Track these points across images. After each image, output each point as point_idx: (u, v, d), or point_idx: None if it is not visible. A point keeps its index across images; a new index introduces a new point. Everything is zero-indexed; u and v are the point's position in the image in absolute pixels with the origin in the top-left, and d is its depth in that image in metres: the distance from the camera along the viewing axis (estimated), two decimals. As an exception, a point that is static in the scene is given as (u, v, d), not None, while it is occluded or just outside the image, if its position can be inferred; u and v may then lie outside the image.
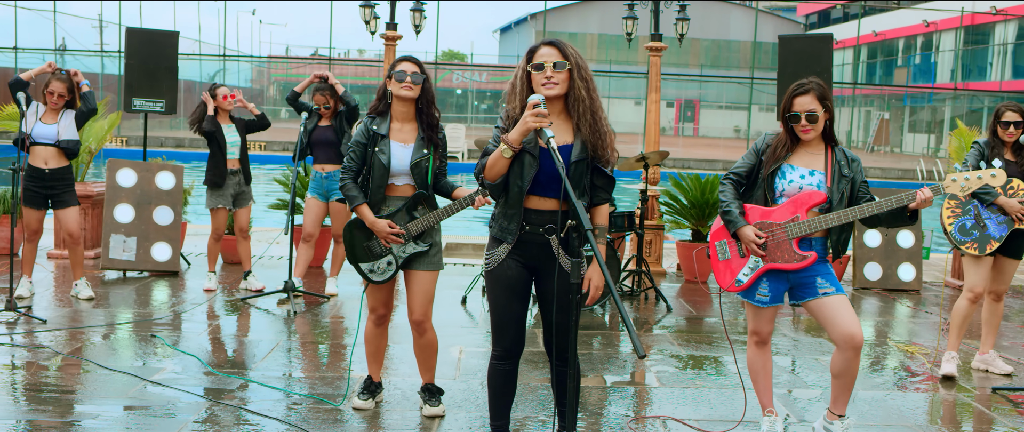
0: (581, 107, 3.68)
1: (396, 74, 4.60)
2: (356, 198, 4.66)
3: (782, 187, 4.31)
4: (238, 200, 7.97)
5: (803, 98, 4.28)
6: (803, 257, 4.24)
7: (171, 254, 8.69)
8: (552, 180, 3.64)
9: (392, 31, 9.67)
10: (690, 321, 7.56)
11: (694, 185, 9.20)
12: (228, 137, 7.81)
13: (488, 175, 3.66)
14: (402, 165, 4.61)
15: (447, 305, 7.85)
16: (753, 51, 42.91)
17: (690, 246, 9.34)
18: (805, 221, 4.23)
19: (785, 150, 4.35)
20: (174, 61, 8.92)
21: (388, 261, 4.68)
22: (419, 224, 4.62)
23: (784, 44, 8.13)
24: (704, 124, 52.82)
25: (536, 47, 3.72)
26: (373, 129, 4.66)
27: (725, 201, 4.39)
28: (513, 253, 3.77)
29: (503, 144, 3.58)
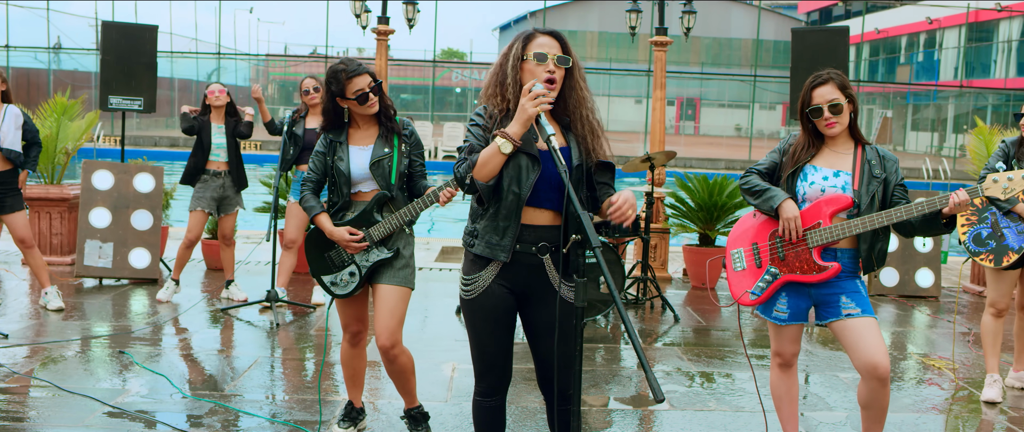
0: (583, 110, 3.24)
1: (359, 98, 4.19)
2: (314, 208, 4.30)
3: (804, 190, 3.86)
4: (223, 205, 7.50)
5: (823, 89, 3.84)
6: (823, 268, 3.79)
7: (150, 261, 8.23)
8: (552, 189, 3.18)
9: (384, 25, 9.21)
10: (699, 332, 7.10)
11: (701, 186, 8.74)
12: (214, 138, 7.37)
13: (479, 174, 3.15)
14: (362, 168, 4.23)
15: (440, 316, 7.39)
16: (755, 49, 42.44)
17: (697, 251, 8.88)
18: (828, 228, 3.78)
19: (807, 153, 3.91)
20: (153, 57, 8.45)
21: (351, 272, 4.26)
22: (382, 227, 4.21)
23: (797, 38, 7.67)
24: (705, 123, 52.35)
25: (532, 34, 3.25)
26: (330, 138, 4.27)
27: (755, 185, 3.94)
28: (500, 277, 3.28)
29: (501, 138, 3.07)
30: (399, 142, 4.27)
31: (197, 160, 7.34)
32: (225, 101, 7.38)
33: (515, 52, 3.24)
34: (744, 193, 4.01)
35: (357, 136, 4.31)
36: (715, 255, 8.85)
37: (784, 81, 47.76)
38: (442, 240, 12.16)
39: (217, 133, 7.37)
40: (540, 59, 3.19)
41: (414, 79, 45.40)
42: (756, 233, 3.99)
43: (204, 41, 43.91)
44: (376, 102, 4.23)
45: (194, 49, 40.05)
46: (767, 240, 3.94)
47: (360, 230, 4.23)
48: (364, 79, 4.20)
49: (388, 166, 4.25)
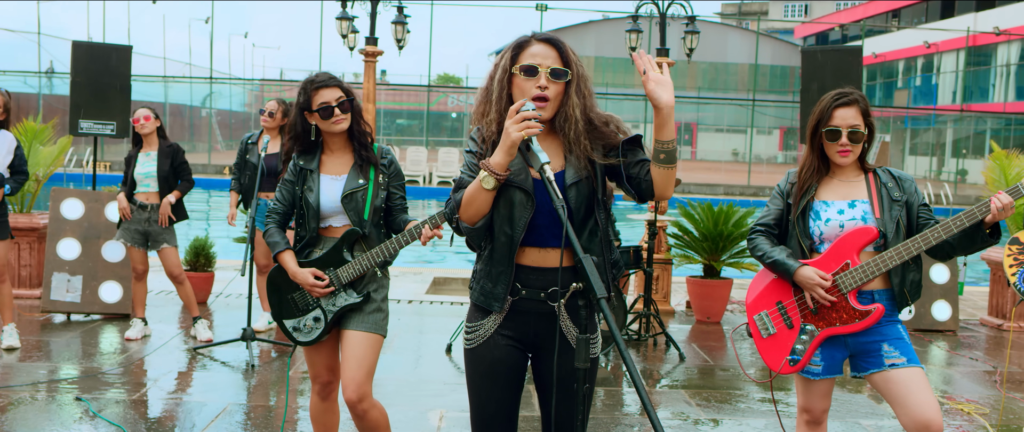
0: (574, 129, 2.76)
1: (322, 111, 3.74)
2: (278, 244, 3.85)
3: (819, 230, 3.42)
4: (152, 240, 6.88)
5: (847, 110, 3.40)
6: (866, 313, 3.33)
7: (121, 295, 7.74)
8: (555, 223, 2.72)
9: (372, 46, 8.79)
10: (706, 373, 6.62)
11: (706, 215, 8.28)
12: (140, 167, 6.82)
13: (465, 215, 2.71)
14: (333, 201, 3.79)
15: (430, 355, 6.91)
16: (754, 74, 42.21)
17: (702, 283, 8.41)
18: (859, 267, 3.33)
19: (814, 176, 3.46)
20: (127, 79, 8.00)
21: (316, 316, 3.81)
22: (351, 268, 3.76)
23: (808, 58, 7.25)
24: (702, 147, 52.06)
25: (526, 41, 2.79)
26: (300, 165, 3.83)
27: (763, 252, 3.48)
28: (504, 327, 2.83)
29: (483, 170, 2.63)
30: (375, 173, 3.83)
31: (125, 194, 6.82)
32: (152, 128, 6.81)
33: (504, 63, 2.78)
34: (755, 258, 3.57)
35: (330, 164, 3.87)
36: (721, 286, 8.39)
37: (783, 106, 47.67)
38: (435, 270, 11.68)
39: (144, 161, 6.83)
40: (529, 73, 2.73)
41: (410, 104, 45.12)
42: (778, 291, 3.54)
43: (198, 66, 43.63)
44: (344, 120, 3.79)
45: (188, 74, 39.69)
46: (792, 296, 3.49)
47: (327, 271, 3.78)
48: (332, 92, 3.77)
49: (362, 199, 3.81)
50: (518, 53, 2.77)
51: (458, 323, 7.47)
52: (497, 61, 2.82)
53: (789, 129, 51.17)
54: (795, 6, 62.86)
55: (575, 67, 2.76)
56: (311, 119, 3.80)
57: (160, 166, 6.78)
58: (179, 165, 6.85)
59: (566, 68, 2.74)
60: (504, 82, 2.77)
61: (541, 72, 2.71)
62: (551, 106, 2.73)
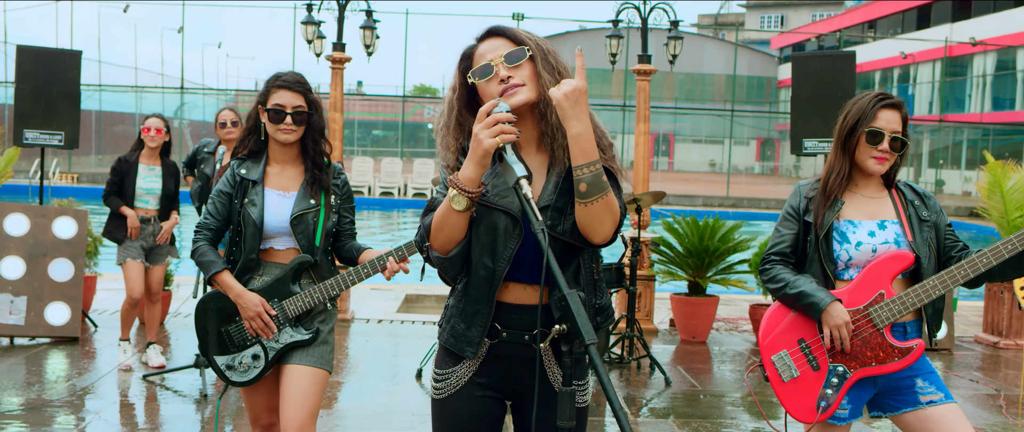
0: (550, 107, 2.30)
1: (272, 112, 3.31)
2: (213, 263, 3.38)
3: (847, 254, 3.01)
4: (152, 255, 6.54)
5: (892, 113, 3.02)
6: (906, 350, 2.93)
7: (70, 316, 7.23)
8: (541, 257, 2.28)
9: (340, 52, 8.34)
10: (693, 400, 6.21)
11: (691, 230, 7.88)
12: (143, 183, 6.44)
13: (437, 242, 2.28)
14: (280, 220, 3.34)
15: (399, 380, 6.45)
16: (731, 85, 42.09)
17: (687, 301, 8.01)
18: (896, 299, 2.93)
19: (842, 184, 3.05)
20: (76, 86, 7.51)
21: (254, 354, 3.37)
22: (300, 302, 3.32)
23: (799, 64, 6.89)
24: (679, 158, 51.89)
25: (469, 50, 2.38)
26: (241, 174, 3.38)
27: (784, 282, 3.05)
28: (480, 375, 2.39)
29: (453, 188, 2.20)
30: (327, 194, 3.41)
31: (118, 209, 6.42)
32: (161, 142, 6.43)
33: (452, 83, 2.38)
34: (772, 292, 3.14)
35: (276, 177, 3.43)
36: (707, 304, 8.00)
37: (760, 116, 47.62)
38: (407, 286, 11.21)
39: (148, 176, 6.46)
40: (485, 73, 2.30)
41: (385, 115, 44.70)
42: (799, 327, 3.11)
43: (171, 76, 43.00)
44: (292, 132, 3.36)
45: (160, 84, 39.06)
46: (818, 333, 3.06)
47: (271, 303, 3.34)
48: (292, 97, 3.34)
49: (314, 222, 3.37)
50: (468, 64, 2.37)
51: (431, 344, 7.03)
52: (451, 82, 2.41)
53: (766, 140, 51.13)
54: (771, 16, 62.94)
55: (532, 41, 2.32)
56: (263, 116, 3.39)
57: (165, 185, 6.49)
58: (178, 185, 6.61)
59: (521, 44, 2.30)
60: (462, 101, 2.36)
61: (496, 65, 2.28)
62: (528, 93, 2.28)
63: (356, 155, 35.96)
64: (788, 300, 3.07)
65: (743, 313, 9.28)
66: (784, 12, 62.46)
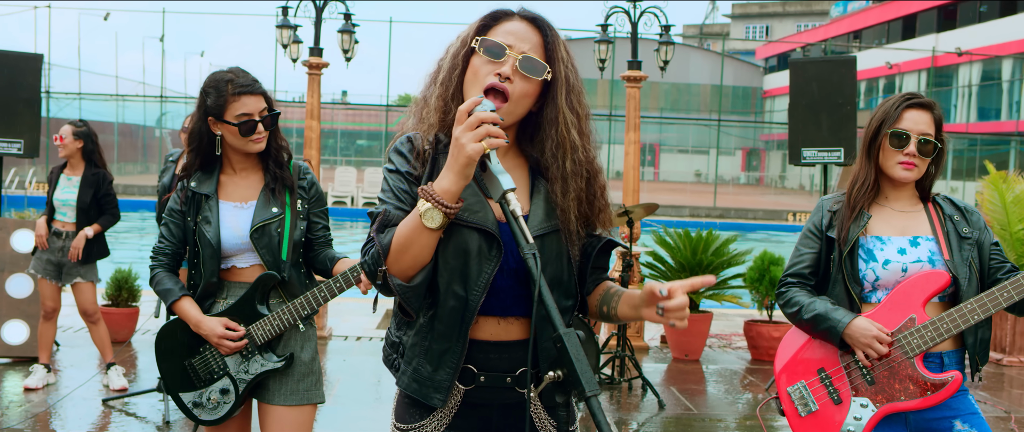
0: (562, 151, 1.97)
1: (242, 125, 2.95)
2: (170, 292, 3.03)
3: (874, 274, 2.67)
4: (65, 274, 6.03)
5: (920, 114, 2.69)
6: (940, 384, 2.59)
7: (28, 335, 6.83)
8: (522, 283, 1.96)
9: (317, 58, 7.99)
10: (688, 424, 5.86)
11: (683, 243, 7.55)
12: (60, 194, 6.00)
13: (398, 266, 1.88)
14: (238, 235, 2.98)
15: (379, 404, 6.08)
16: (718, 94, 41.95)
17: (679, 317, 7.66)
18: (929, 324, 2.59)
19: (868, 195, 2.71)
20: (36, 91, 7.12)
21: (223, 388, 3.01)
22: (268, 325, 2.96)
23: (797, 69, 6.58)
24: (664, 168, 51.73)
25: (504, 13, 2.01)
26: (192, 188, 3.00)
27: (800, 305, 2.71)
28: (454, 429, 2.03)
29: (427, 201, 1.82)
30: (292, 198, 3.04)
31: (48, 220, 6.02)
32: (74, 150, 5.96)
33: (466, 34, 2.00)
34: (788, 317, 2.80)
35: (231, 187, 3.06)
36: (700, 321, 7.67)
37: (746, 126, 47.50)
38: (387, 299, 10.82)
39: (65, 186, 6.00)
40: (493, 54, 1.93)
41: (369, 125, 44.33)
42: (819, 355, 2.77)
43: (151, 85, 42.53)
44: (264, 139, 2.99)
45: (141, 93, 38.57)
46: (839, 362, 2.72)
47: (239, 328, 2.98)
48: (256, 102, 2.97)
49: (278, 233, 3.00)
50: (490, 25, 1.98)
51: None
52: (463, 33, 2.03)
53: (751, 150, 51.03)
54: (756, 27, 62.94)
55: (562, 67, 1.96)
56: (218, 129, 2.99)
57: (81, 195, 5.94)
58: (103, 196, 6.00)
59: (545, 62, 1.94)
60: (459, 60, 1.98)
61: (509, 56, 1.91)
62: (510, 108, 1.93)
63: (340, 165, 35.55)
64: (805, 325, 2.74)
65: (736, 329, 8.95)
66: (769, 23, 62.48)
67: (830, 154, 6.50)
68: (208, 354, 3.03)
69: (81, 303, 6.06)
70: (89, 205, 5.94)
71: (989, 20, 35.90)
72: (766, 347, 7.59)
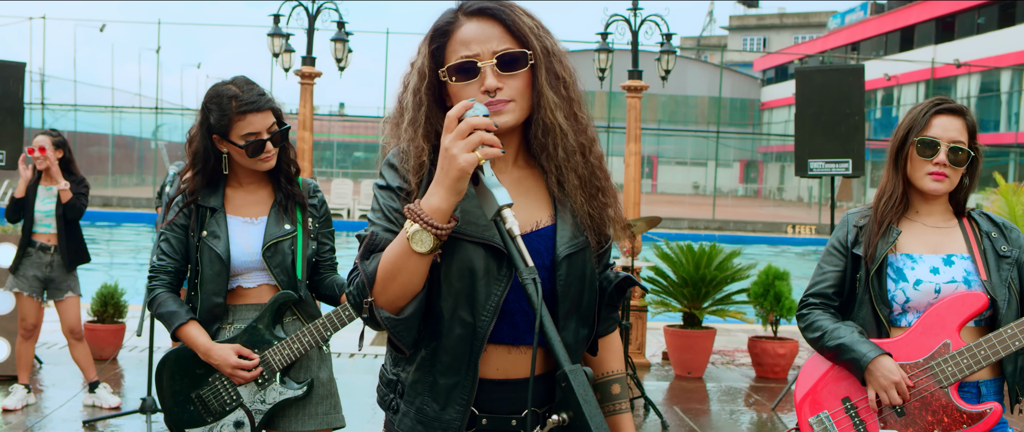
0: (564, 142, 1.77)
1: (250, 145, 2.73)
2: (175, 315, 2.78)
3: (904, 295, 2.46)
4: (51, 289, 5.82)
5: (950, 120, 2.48)
6: (977, 417, 2.38)
7: (8, 353, 6.60)
8: (529, 311, 1.74)
9: (310, 66, 7.79)
10: (694, 444, 5.65)
11: (686, 257, 7.34)
12: (41, 205, 5.78)
13: (385, 297, 1.68)
14: (250, 252, 2.76)
15: (368, 428, 5.86)
16: (717, 106, 41.87)
17: (682, 334, 7.46)
18: (964, 350, 2.38)
19: (896, 209, 2.51)
20: (18, 100, 6.90)
21: (237, 421, 2.79)
22: (286, 349, 2.74)
23: (803, 78, 6.39)
24: (662, 180, 51.64)
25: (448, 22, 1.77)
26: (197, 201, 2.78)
27: (822, 331, 2.50)
28: None
29: (414, 222, 1.62)
30: (303, 216, 2.83)
31: (24, 235, 5.80)
32: (48, 164, 5.71)
33: (421, 64, 1.78)
34: (809, 342, 2.60)
35: (239, 201, 2.85)
36: (703, 338, 7.46)
37: (744, 138, 47.39)
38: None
39: (46, 197, 5.78)
40: (466, 74, 1.72)
41: (366, 137, 44.23)
42: (843, 383, 2.56)
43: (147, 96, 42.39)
44: (274, 156, 2.78)
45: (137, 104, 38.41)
46: (866, 391, 2.51)
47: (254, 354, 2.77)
48: (265, 118, 2.75)
49: (292, 251, 2.79)
50: (442, 44, 1.76)
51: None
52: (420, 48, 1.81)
53: (749, 162, 50.93)
54: (753, 39, 62.93)
55: (538, 41, 1.75)
56: (224, 147, 2.78)
57: (61, 204, 5.72)
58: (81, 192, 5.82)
59: (523, 48, 1.73)
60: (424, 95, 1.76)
61: (483, 66, 1.71)
62: (518, 106, 1.73)
63: (336, 177, 35.40)
64: (827, 353, 2.53)
65: (739, 344, 8.74)
66: (766, 34, 62.47)
67: (838, 165, 6.30)
68: (219, 384, 2.81)
69: (67, 320, 5.85)
70: (74, 218, 5.77)
71: (987, 32, 35.87)
72: (771, 364, 7.38)
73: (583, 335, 1.80)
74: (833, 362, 2.54)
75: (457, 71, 1.72)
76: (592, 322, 1.83)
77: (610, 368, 1.91)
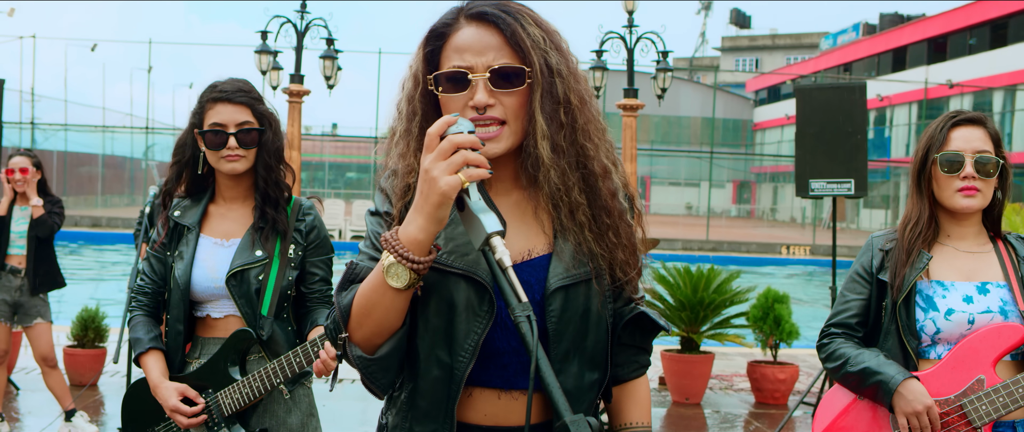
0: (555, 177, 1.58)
1: (209, 133, 2.54)
2: (139, 342, 2.60)
3: (934, 325, 2.28)
4: (21, 314, 5.59)
5: (970, 131, 2.32)
6: None
7: (-17, 380, 6.37)
8: (522, 352, 1.56)
9: (298, 85, 7.62)
10: (694, 475, 5.44)
11: (684, 279, 7.16)
12: (15, 224, 5.58)
13: (360, 333, 1.51)
14: (213, 277, 2.55)
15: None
16: (710, 127, 41.86)
17: (679, 359, 7.26)
18: (1000, 387, 2.20)
19: (925, 235, 2.32)
20: (-4, 119, 6.72)
21: None
22: (237, 393, 2.50)
23: (803, 96, 6.24)
24: (655, 201, 51.59)
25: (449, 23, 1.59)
26: (175, 218, 2.60)
27: (844, 358, 2.32)
28: None
29: (390, 253, 1.44)
30: (283, 244, 2.59)
31: None
32: (26, 187, 5.50)
33: (416, 69, 1.61)
34: (830, 373, 2.41)
35: (217, 220, 2.64)
36: (702, 363, 7.26)
37: (737, 158, 47.38)
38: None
39: (20, 218, 5.57)
40: (454, 84, 1.55)
41: (359, 157, 44.11)
42: (867, 418, 2.37)
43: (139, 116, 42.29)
44: (239, 159, 2.57)
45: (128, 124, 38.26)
46: (892, 429, 2.32)
47: (204, 394, 2.55)
48: (236, 112, 2.56)
49: (259, 281, 2.55)
50: (438, 47, 1.58)
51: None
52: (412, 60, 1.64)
53: (742, 183, 50.89)
54: (746, 59, 63.08)
55: (541, 57, 1.56)
56: (198, 139, 2.61)
57: (33, 223, 5.50)
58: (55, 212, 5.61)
59: (522, 65, 1.54)
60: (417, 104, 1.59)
61: (476, 79, 1.53)
62: (511, 129, 1.56)
63: (328, 197, 35.23)
64: (851, 381, 2.34)
65: (738, 369, 8.54)
66: (758, 56, 62.65)
67: (840, 186, 6.14)
68: (173, 422, 2.62)
69: (39, 348, 5.62)
70: (46, 236, 5.55)
71: (979, 52, 35.95)
72: (770, 389, 7.18)
73: (591, 380, 1.60)
74: (857, 391, 2.35)
75: (446, 80, 1.55)
76: (603, 365, 1.63)
77: (629, 419, 1.70)
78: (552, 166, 1.55)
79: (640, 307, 1.68)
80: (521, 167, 1.61)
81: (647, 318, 1.68)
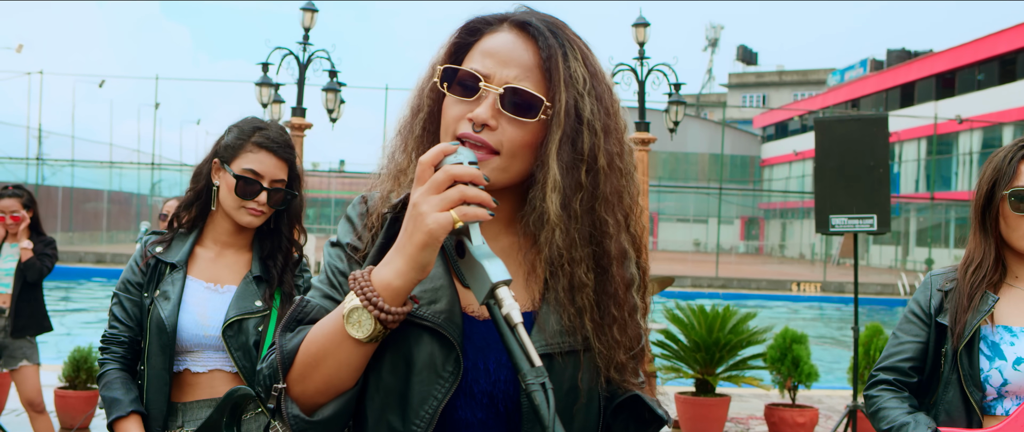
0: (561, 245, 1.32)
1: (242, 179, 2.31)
2: (118, 403, 2.30)
3: (1000, 376, 2.03)
4: (6, 356, 5.34)
5: None
6: None
7: (-32, 424, 6.11)
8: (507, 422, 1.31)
9: (300, 118, 7.42)
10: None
11: (698, 319, 6.89)
12: (3, 262, 5.35)
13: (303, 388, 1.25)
14: (205, 324, 2.29)
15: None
16: (719, 163, 41.71)
17: (695, 402, 6.97)
18: None
19: (990, 277, 2.07)
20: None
21: None
22: None
23: (823, 129, 6.01)
24: (663, 237, 51.29)
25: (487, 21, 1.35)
26: (156, 254, 2.33)
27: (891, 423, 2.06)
28: None
29: (357, 295, 1.20)
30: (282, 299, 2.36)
31: None
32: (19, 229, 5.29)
33: (436, 58, 1.36)
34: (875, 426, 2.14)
35: (206, 262, 2.39)
36: (717, 406, 6.97)
37: (745, 194, 47.15)
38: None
39: (8, 255, 5.35)
40: (463, 87, 1.30)
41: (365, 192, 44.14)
42: None
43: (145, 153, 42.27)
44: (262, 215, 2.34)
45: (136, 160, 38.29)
46: None
47: None
48: (277, 167, 2.35)
49: (259, 332, 2.30)
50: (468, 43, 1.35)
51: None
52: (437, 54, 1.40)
53: (750, 219, 50.62)
54: (752, 96, 63.06)
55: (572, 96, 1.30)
56: (218, 177, 2.36)
57: (20, 266, 5.28)
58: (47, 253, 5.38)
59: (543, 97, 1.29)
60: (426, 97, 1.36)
61: (487, 90, 1.29)
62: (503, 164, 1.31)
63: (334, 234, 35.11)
64: None
65: (754, 411, 8.24)
66: (765, 92, 62.64)
67: (862, 221, 5.89)
68: None
69: (26, 392, 5.37)
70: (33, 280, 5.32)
71: (988, 87, 35.83)
72: (789, 434, 6.89)
73: None
74: None
75: (457, 81, 1.31)
76: None
77: None
78: (558, 226, 1.30)
79: (634, 390, 1.39)
80: (521, 220, 1.35)
81: (642, 404, 1.40)
